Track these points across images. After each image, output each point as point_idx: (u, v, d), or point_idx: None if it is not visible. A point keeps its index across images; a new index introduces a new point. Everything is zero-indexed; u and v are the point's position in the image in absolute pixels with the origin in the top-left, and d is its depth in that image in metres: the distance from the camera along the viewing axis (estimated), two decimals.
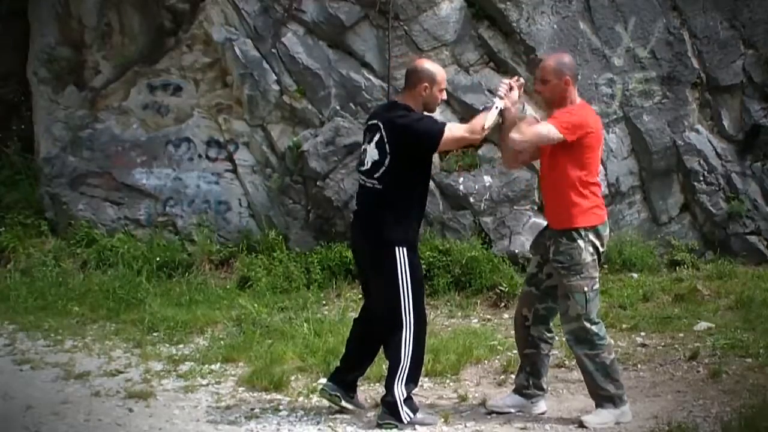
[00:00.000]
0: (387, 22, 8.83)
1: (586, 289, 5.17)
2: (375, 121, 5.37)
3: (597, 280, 5.26)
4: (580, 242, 5.17)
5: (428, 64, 5.48)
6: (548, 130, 5.13)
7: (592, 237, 5.21)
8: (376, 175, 5.27)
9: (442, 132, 5.22)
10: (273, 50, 9.11)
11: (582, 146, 5.17)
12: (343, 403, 5.50)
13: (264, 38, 9.13)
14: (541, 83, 5.33)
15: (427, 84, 5.30)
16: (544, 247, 5.35)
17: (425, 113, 5.38)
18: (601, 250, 5.28)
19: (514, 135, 5.19)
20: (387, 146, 5.23)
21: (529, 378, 5.48)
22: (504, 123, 5.30)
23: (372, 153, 5.29)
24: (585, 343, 5.20)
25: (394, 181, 5.23)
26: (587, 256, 5.18)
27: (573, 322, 5.20)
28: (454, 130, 5.33)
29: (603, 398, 5.25)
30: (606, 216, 5.37)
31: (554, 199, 5.31)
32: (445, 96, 5.44)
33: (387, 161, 5.23)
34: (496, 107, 5.25)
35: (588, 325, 5.18)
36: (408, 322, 5.21)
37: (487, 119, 5.24)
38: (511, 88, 5.30)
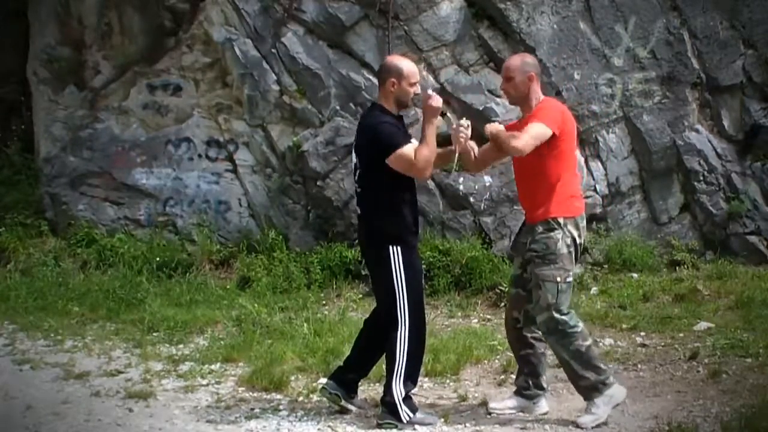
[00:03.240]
0: (387, 22, 8.84)
1: (558, 279, 5.15)
2: (358, 124, 5.44)
3: (571, 274, 5.23)
4: (557, 233, 5.16)
5: (396, 59, 5.47)
6: (541, 129, 5.13)
7: (570, 228, 5.20)
8: (356, 178, 5.34)
9: (395, 147, 5.13)
10: (273, 50, 9.11)
11: (557, 136, 5.18)
12: (343, 403, 5.49)
13: (264, 38, 9.13)
14: (505, 81, 5.36)
15: (394, 79, 5.27)
16: (524, 246, 5.34)
17: (400, 112, 5.36)
18: (578, 241, 5.27)
19: (517, 144, 5.12)
20: (357, 149, 5.29)
21: (529, 379, 5.48)
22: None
23: (353, 156, 5.38)
24: (556, 333, 5.19)
25: (369, 183, 5.26)
26: (563, 247, 5.17)
27: (544, 312, 5.18)
28: (405, 154, 5.14)
29: (586, 389, 5.23)
30: (584, 207, 5.37)
31: (532, 192, 5.28)
32: (418, 90, 5.36)
33: (360, 164, 5.28)
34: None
35: (557, 315, 5.15)
36: (403, 320, 5.21)
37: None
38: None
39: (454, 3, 8.91)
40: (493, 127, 5.25)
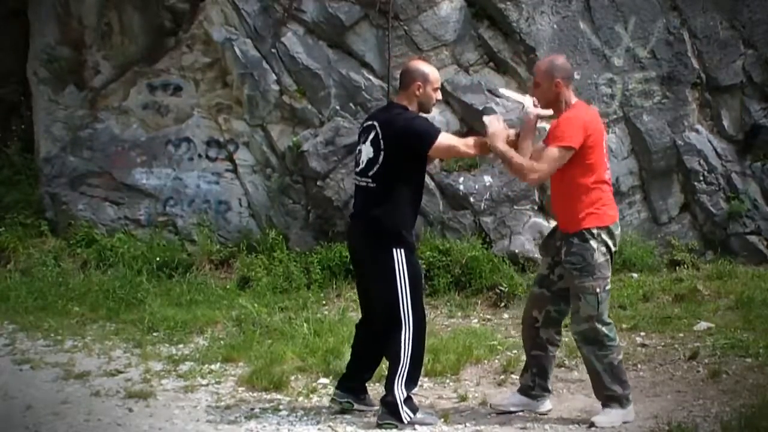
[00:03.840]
0: (387, 22, 8.84)
1: (598, 290, 5.14)
2: (371, 122, 5.39)
3: (609, 280, 5.22)
4: (593, 243, 5.13)
5: (420, 64, 5.49)
6: (557, 153, 5.09)
7: (605, 236, 5.17)
8: (370, 173, 5.28)
9: (437, 135, 5.23)
10: (273, 50, 9.11)
11: (584, 148, 5.14)
12: (357, 407, 5.50)
13: (264, 38, 9.13)
14: (534, 87, 5.35)
15: (419, 83, 5.30)
16: (555, 248, 5.32)
17: (421, 114, 5.39)
18: (613, 249, 5.25)
19: (533, 176, 5.17)
20: (381, 143, 5.23)
21: (535, 379, 5.46)
22: (523, 133, 5.31)
23: (367, 151, 5.30)
24: (594, 344, 5.18)
25: (387, 179, 5.23)
26: (599, 256, 5.14)
27: (584, 323, 5.17)
28: (449, 137, 5.37)
29: (610, 399, 5.23)
30: (617, 215, 5.34)
31: (564, 204, 5.25)
32: (440, 95, 5.44)
33: (381, 158, 5.23)
34: (525, 111, 5.33)
35: (599, 326, 5.15)
36: (407, 322, 5.21)
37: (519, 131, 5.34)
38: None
39: (454, 3, 8.91)
40: (512, 153, 5.21)
